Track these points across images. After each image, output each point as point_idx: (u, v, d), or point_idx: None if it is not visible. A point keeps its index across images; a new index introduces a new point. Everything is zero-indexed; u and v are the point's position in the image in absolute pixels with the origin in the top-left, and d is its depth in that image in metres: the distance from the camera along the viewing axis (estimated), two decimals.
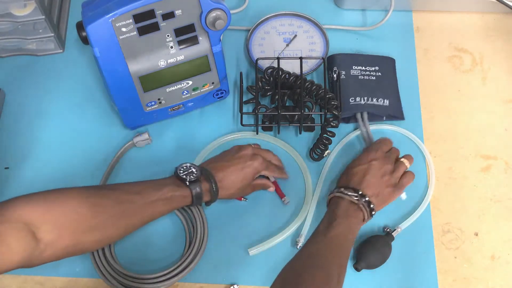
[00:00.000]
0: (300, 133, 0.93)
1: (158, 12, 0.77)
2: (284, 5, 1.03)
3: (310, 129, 0.93)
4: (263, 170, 0.84)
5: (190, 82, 0.87)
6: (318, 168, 0.90)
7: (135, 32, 0.77)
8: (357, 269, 0.81)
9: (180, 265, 0.81)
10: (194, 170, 0.78)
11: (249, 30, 1.00)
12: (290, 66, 0.93)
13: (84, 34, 0.76)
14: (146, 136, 0.91)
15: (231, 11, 0.95)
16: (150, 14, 0.77)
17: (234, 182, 0.81)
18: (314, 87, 0.90)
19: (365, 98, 0.92)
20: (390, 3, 1.00)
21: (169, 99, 0.87)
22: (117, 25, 0.75)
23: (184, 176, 0.77)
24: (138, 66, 0.81)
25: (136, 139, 0.90)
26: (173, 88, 0.86)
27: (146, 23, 0.77)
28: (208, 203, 0.81)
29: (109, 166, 0.89)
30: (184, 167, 0.79)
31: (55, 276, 0.82)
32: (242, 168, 0.82)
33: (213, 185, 0.78)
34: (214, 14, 0.78)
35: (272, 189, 0.87)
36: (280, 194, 0.88)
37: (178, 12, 0.78)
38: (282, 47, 0.99)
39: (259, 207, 0.88)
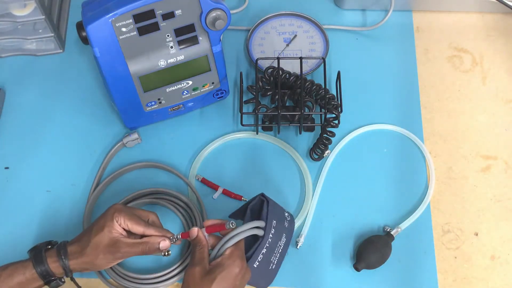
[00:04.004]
0: (300, 133, 0.93)
1: (158, 12, 0.77)
2: (284, 5, 1.04)
3: (310, 129, 0.93)
4: (120, 216, 0.72)
5: (190, 82, 0.87)
6: (318, 168, 0.91)
7: (135, 32, 0.77)
8: (357, 269, 0.81)
9: (180, 265, 0.81)
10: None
11: (249, 30, 1.00)
12: (290, 66, 0.93)
13: (84, 34, 0.76)
14: (135, 136, 0.90)
15: (231, 11, 0.95)
16: (150, 14, 0.77)
17: (86, 239, 0.72)
18: (314, 87, 0.90)
19: None
20: (390, 3, 1.00)
21: (169, 99, 0.87)
22: (117, 25, 0.76)
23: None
24: (138, 66, 0.81)
25: (126, 139, 0.90)
26: (173, 88, 0.86)
27: (146, 23, 0.77)
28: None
29: (100, 168, 0.89)
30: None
31: None
32: (95, 222, 0.74)
33: (61, 251, 0.72)
34: (214, 14, 0.78)
35: (163, 244, 0.73)
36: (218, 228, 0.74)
37: (178, 12, 0.78)
38: (282, 47, 0.99)
39: None
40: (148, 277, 0.80)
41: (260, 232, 0.73)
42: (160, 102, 0.87)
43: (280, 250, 0.76)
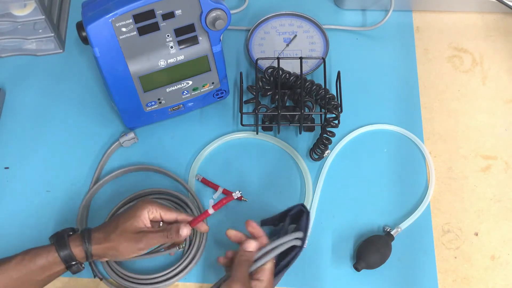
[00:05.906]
0: (300, 133, 0.93)
1: (158, 12, 0.77)
2: (284, 5, 1.04)
3: (310, 129, 0.93)
4: (152, 206, 0.75)
5: (190, 82, 0.87)
6: (318, 168, 0.91)
7: (135, 32, 0.77)
8: (357, 269, 0.81)
9: (180, 265, 0.81)
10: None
11: (249, 30, 1.01)
12: (290, 66, 0.93)
13: (84, 34, 0.76)
14: (132, 135, 0.90)
15: (231, 11, 0.95)
16: (150, 14, 0.77)
17: (113, 225, 0.74)
18: (314, 87, 0.90)
19: None
20: (390, 3, 1.01)
21: (169, 99, 0.87)
22: (117, 25, 0.76)
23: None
24: (138, 66, 0.81)
25: (122, 139, 0.90)
26: (173, 88, 0.86)
27: (146, 23, 0.77)
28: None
29: (98, 168, 0.89)
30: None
31: None
32: (124, 212, 0.75)
33: (85, 236, 0.73)
34: (214, 14, 0.78)
35: (185, 230, 0.74)
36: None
37: (178, 12, 0.78)
38: (282, 47, 0.99)
39: (260, 207, 0.88)
40: (148, 277, 0.80)
41: (298, 243, 0.74)
42: (160, 102, 0.87)
43: None
